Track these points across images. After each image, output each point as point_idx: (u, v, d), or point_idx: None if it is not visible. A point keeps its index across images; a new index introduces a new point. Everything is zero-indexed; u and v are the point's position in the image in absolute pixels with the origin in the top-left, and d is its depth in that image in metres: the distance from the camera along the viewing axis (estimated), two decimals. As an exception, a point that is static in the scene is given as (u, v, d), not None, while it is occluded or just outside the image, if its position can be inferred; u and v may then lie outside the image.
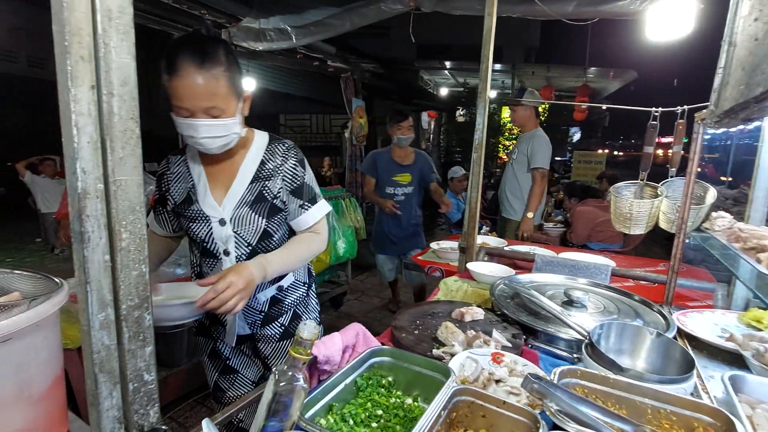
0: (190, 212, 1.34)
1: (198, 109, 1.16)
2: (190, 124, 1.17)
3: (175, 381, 2.76)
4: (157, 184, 1.41)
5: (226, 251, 1.35)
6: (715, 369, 1.15)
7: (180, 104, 1.15)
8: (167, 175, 1.38)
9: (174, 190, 1.36)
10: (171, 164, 1.39)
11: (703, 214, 1.53)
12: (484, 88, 1.83)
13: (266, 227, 1.36)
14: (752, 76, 0.67)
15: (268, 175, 1.36)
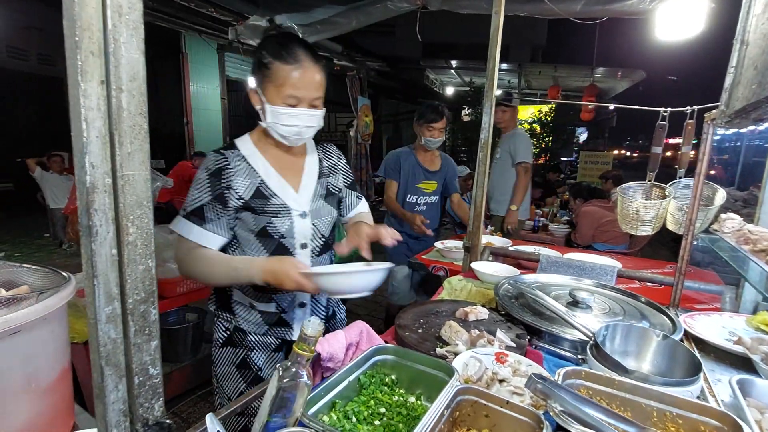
0: (271, 207, 1.31)
1: (308, 99, 1.24)
2: (295, 113, 1.23)
3: (180, 376, 2.78)
4: (210, 183, 1.25)
5: (304, 245, 1.37)
6: (723, 372, 1.14)
7: (292, 92, 1.21)
8: (228, 170, 1.28)
9: (239, 186, 1.28)
10: (230, 159, 1.29)
11: (712, 216, 1.51)
12: (491, 87, 1.82)
13: (336, 219, 1.48)
14: (765, 74, 0.66)
15: (328, 172, 1.47)
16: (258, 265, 1.17)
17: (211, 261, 1.24)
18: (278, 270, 1.13)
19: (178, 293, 2.73)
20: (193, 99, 8.35)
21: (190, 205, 1.24)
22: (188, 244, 1.23)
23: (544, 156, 12.80)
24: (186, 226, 1.23)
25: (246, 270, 1.18)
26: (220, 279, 1.27)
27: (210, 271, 1.24)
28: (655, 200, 1.64)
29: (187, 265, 1.25)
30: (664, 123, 1.54)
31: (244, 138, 1.38)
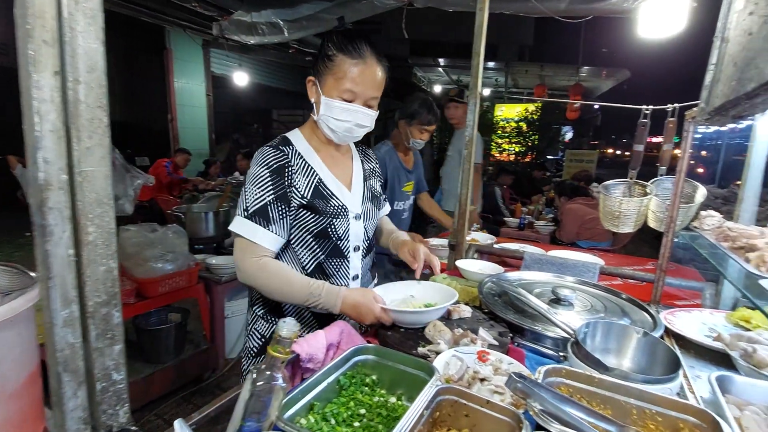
0: (332, 208, 1.27)
1: (365, 97, 1.22)
2: (349, 108, 1.21)
3: (162, 378, 2.73)
4: (272, 181, 1.20)
5: (357, 247, 1.36)
6: (702, 369, 1.15)
7: (350, 87, 1.19)
8: (290, 167, 1.23)
9: (300, 184, 1.24)
10: (289, 156, 1.25)
11: (693, 213, 1.53)
12: (476, 84, 1.81)
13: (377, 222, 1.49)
14: (744, 71, 0.65)
15: (369, 175, 1.47)
16: (339, 295, 1.17)
17: (289, 281, 1.20)
18: (361, 304, 1.15)
19: (160, 293, 2.68)
20: (178, 95, 8.20)
21: (253, 204, 1.18)
22: (253, 250, 1.19)
23: (531, 154, 12.92)
24: (249, 227, 1.18)
25: (326, 299, 1.17)
26: (292, 299, 1.23)
27: (287, 291, 1.20)
28: (637, 198, 1.66)
29: (256, 278, 1.20)
30: (646, 121, 1.55)
31: (295, 133, 1.34)
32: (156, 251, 2.70)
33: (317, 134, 1.32)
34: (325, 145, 1.33)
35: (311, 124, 1.33)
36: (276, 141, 1.28)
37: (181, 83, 8.24)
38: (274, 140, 1.29)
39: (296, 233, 1.28)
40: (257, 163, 1.22)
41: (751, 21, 0.66)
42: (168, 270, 2.70)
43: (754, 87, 0.60)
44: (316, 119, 1.26)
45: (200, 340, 3.06)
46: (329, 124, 1.24)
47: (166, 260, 2.72)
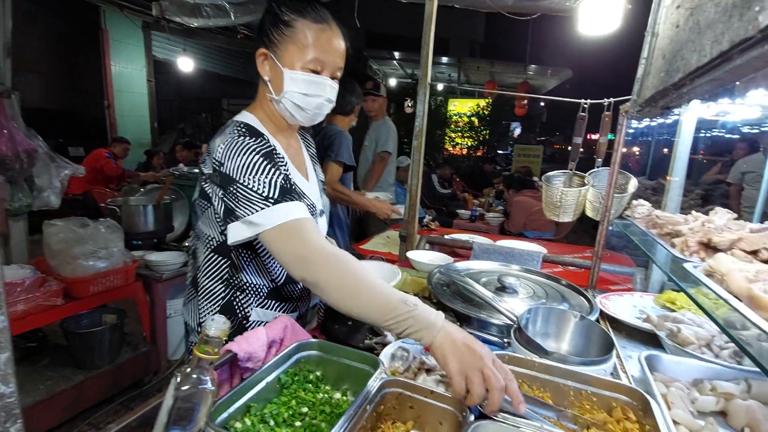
0: (308, 207, 1.08)
1: (333, 67, 1.06)
2: (319, 81, 1.04)
3: (96, 384, 2.52)
4: (271, 162, 0.99)
5: None
6: (633, 349, 1.22)
7: (318, 56, 1.02)
8: (277, 155, 1.06)
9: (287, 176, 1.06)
10: (272, 144, 1.06)
11: (625, 202, 1.62)
12: (425, 74, 1.80)
13: None
14: (672, 62, 0.68)
15: (314, 162, 1.30)
16: (438, 317, 0.82)
17: (374, 279, 0.87)
18: (475, 345, 0.77)
19: (92, 293, 2.46)
20: (115, 80, 7.58)
21: (272, 187, 0.95)
22: (312, 228, 0.93)
23: (482, 149, 13.31)
24: (288, 209, 0.93)
25: (422, 314, 0.81)
26: (370, 307, 0.85)
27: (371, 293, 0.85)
28: (576, 188, 1.73)
29: (331, 265, 0.88)
30: (584, 114, 1.62)
31: (250, 118, 1.11)
32: (87, 248, 2.48)
33: (272, 118, 1.13)
34: (281, 132, 1.15)
35: (263, 106, 1.13)
36: (242, 128, 1.05)
37: (119, 67, 7.63)
38: (234, 129, 1.04)
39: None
40: (240, 153, 0.98)
41: (678, 14, 0.69)
42: (101, 268, 2.48)
43: (680, 77, 0.63)
44: (277, 98, 1.06)
45: (139, 341, 2.86)
46: (297, 102, 1.05)
47: (98, 257, 2.50)
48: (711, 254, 0.91)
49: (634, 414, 0.81)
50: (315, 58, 1.03)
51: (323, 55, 1.03)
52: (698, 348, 1.08)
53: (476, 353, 0.74)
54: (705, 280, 0.75)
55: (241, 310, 1.14)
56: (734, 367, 1.00)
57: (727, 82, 0.56)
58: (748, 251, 0.86)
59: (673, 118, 1.58)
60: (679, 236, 1.04)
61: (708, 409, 0.90)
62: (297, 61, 1.02)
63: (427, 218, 3.26)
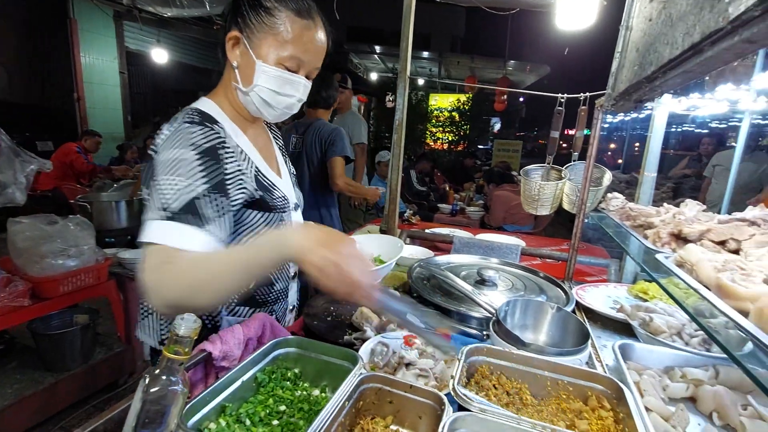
0: (278, 201, 1.03)
1: (309, 67, 1.00)
2: (295, 80, 0.97)
3: (67, 387, 2.44)
4: (204, 165, 0.87)
5: None
6: (608, 339, 1.25)
7: (300, 55, 0.95)
8: (227, 149, 0.93)
9: (243, 172, 0.98)
10: (222, 135, 0.94)
11: (601, 195, 1.66)
12: (404, 67, 1.79)
13: None
14: (645, 56, 0.69)
15: (284, 154, 1.25)
16: (292, 227, 0.82)
17: (210, 260, 0.80)
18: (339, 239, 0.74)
19: (62, 292, 2.37)
20: (86, 72, 7.28)
21: (176, 199, 0.82)
22: (166, 254, 0.78)
23: (463, 143, 13.41)
24: (170, 230, 0.80)
25: (275, 236, 0.76)
26: (231, 281, 0.78)
27: (219, 271, 0.76)
28: (553, 181, 1.76)
29: (170, 282, 0.76)
30: (561, 109, 1.64)
31: (209, 104, 1.02)
32: (55, 246, 2.38)
33: (236, 107, 1.04)
34: (248, 123, 1.07)
35: (227, 93, 1.04)
36: (194, 115, 0.94)
37: (90, 59, 7.33)
38: (186, 115, 0.94)
39: (237, 241, 0.98)
40: (177, 144, 0.87)
41: (651, 8, 0.69)
42: (70, 266, 2.39)
43: (653, 70, 0.63)
44: (244, 90, 0.97)
45: (114, 342, 2.78)
46: (266, 98, 0.97)
47: (67, 256, 2.40)
48: (682, 245, 0.93)
49: (609, 402, 0.83)
50: (293, 56, 0.95)
51: (303, 54, 0.96)
52: (669, 336, 1.11)
53: (336, 250, 0.70)
54: (676, 270, 0.77)
55: (210, 320, 1.06)
56: (703, 354, 1.03)
57: (698, 74, 0.57)
58: (717, 242, 0.88)
59: (646, 112, 1.62)
60: (651, 228, 1.06)
61: (678, 396, 0.93)
62: (273, 54, 0.94)
63: (408, 212, 3.26)
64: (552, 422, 0.79)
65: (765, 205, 0.95)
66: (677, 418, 0.83)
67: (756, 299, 0.58)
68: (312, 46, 0.97)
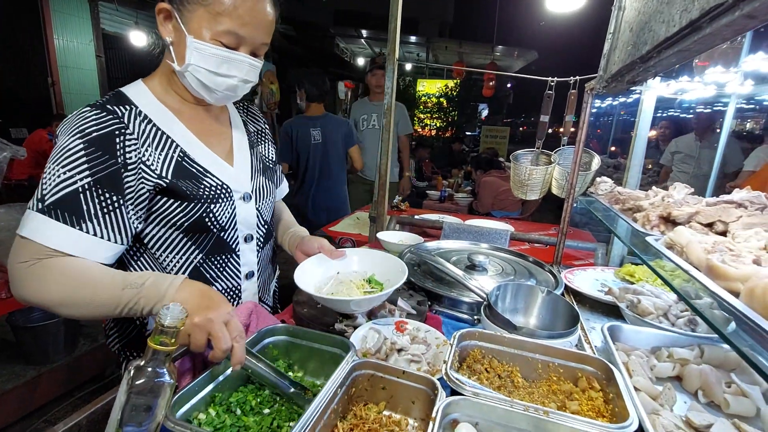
0: (206, 189, 0.93)
1: (252, 43, 0.89)
2: (234, 58, 0.87)
3: (51, 380, 2.39)
4: (88, 156, 0.80)
5: (249, 236, 1.05)
6: (596, 321, 1.27)
7: (235, 29, 0.85)
8: (125, 135, 0.84)
9: (152, 160, 0.87)
10: (125, 118, 0.86)
11: (589, 180, 1.66)
12: (393, 50, 1.75)
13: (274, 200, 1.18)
14: (640, 35, 0.68)
15: (257, 139, 1.16)
16: (174, 281, 0.78)
17: (91, 277, 0.78)
18: (213, 296, 0.78)
19: (41, 284, 2.30)
20: (59, 56, 6.98)
21: (52, 191, 0.77)
22: (38, 251, 0.76)
23: (451, 130, 13.38)
24: (41, 225, 0.75)
25: (150, 288, 0.77)
26: (96, 308, 0.77)
27: (87, 294, 0.76)
28: (543, 166, 1.76)
29: (32, 283, 0.75)
30: (551, 93, 1.63)
31: (137, 87, 0.94)
32: (33, 236, 2.31)
33: (176, 89, 0.96)
34: (188, 105, 0.98)
35: (165, 74, 0.96)
36: (105, 98, 0.89)
37: (64, 41, 7.02)
38: (99, 99, 0.88)
39: (156, 231, 0.93)
40: (66, 130, 0.81)
41: (645, -15, 0.68)
42: None
43: (648, 50, 0.62)
44: (179, 70, 0.89)
45: (98, 333, 2.73)
46: (202, 79, 0.88)
47: None
48: (670, 228, 0.94)
49: (598, 383, 0.84)
50: (229, 30, 0.85)
51: (241, 28, 0.85)
52: (656, 318, 1.13)
53: (206, 316, 0.72)
54: (666, 252, 0.77)
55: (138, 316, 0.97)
56: (689, 334, 1.05)
57: (694, 53, 0.56)
58: (705, 224, 0.89)
59: (634, 96, 1.62)
60: (640, 211, 1.06)
61: (665, 375, 0.95)
62: (206, 29, 0.84)
63: (397, 199, 3.24)
64: (543, 404, 0.79)
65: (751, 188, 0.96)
66: (665, 396, 0.85)
67: (746, 279, 0.58)
68: (251, 18, 0.86)
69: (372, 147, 3.55)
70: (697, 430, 0.75)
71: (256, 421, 0.74)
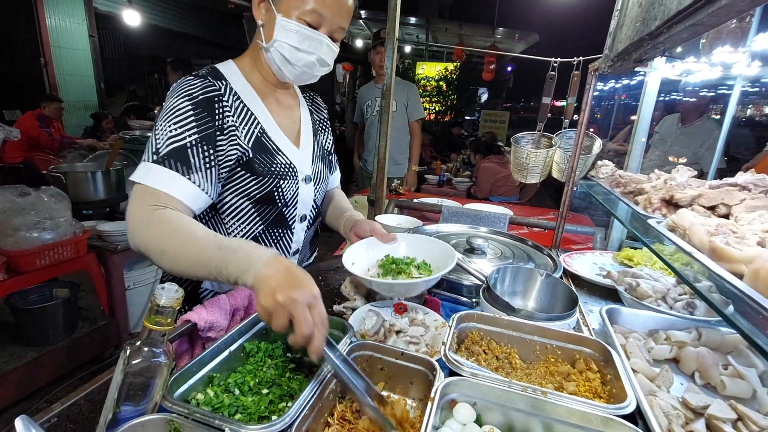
0: (278, 166, 1.02)
1: (333, 26, 0.98)
2: (315, 37, 0.96)
3: (52, 360, 2.41)
4: (196, 115, 0.91)
5: (304, 216, 1.14)
6: (594, 304, 1.27)
7: (320, 9, 0.94)
8: (223, 104, 0.96)
9: (239, 131, 0.97)
10: (222, 90, 0.97)
11: (590, 163, 1.65)
12: (393, 29, 1.71)
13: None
14: (649, 10, 0.65)
15: (319, 128, 1.24)
16: (262, 253, 0.74)
17: (193, 232, 0.80)
18: (299, 273, 0.72)
19: (39, 266, 2.30)
20: (51, 35, 6.82)
21: (165, 144, 0.87)
22: (156, 198, 0.83)
23: (450, 113, 13.25)
24: (157, 173, 0.85)
25: (243, 255, 0.74)
26: (192, 263, 0.78)
27: (187, 247, 0.78)
28: (543, 149, 1.74)
29: (147, 231, 0.81)
30: (554, 74, 1.60)
31: (229, 66, 1.04)
32: (29, 218, 2.28)
33: (260, 70, 1.06)
34: (269, 87, 1.08)
35: (252, 56, 1.06)
36: (203, 71, 0.99)
37: (55, 21, 6.85)
38: (199, 71, 0.99)
39: (230, 199, 1.01)
40: (175, 93, 0.92)
41: (656, -43, 0.65)
42: (46, 240, 2.31)
43: (658, 25, 0.60)
44: (266, 47, 0.98)
45: (97, 315, 2.74)
46: (285, 55, 0.97)
47: (43, 228, 2.32)
48: (672, 210, 0.93)
49: (596, 365, 0.84)
50: (314, 10, 0.94)
51: (324, 9, 0.94)
52: (654, 301, 1.13)
53: (290, 296, 0.66)
54: (669, 234, 0.76)
55: (190, 286, 1.07)
56: (686, 317, 1.06)
57: (707, 27, 0.54)
58: (707, 207, 0.88)
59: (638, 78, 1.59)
60: (642, 194, 1.05)
61: (663, 357, 0.95)
62: (293, 9, 0.94)
63: (396, 182, 3.22)
64: (541, 385, 0.80)
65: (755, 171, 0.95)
66: (662, 378, 0.85)
67: (750, 261, 0.57)
68: (334, 1, 0.95)
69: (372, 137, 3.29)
70: (694, 411, 0.75)
71: (254, 401, 0.74)
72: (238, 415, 0.69)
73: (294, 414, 0.61)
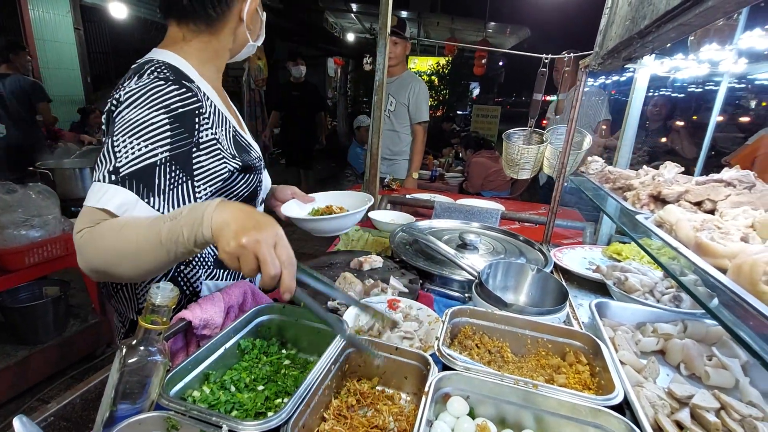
0: (255, 161, 1.01)
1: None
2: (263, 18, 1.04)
3: (43, 359, 2.39)
4: (172, 129, 0.80)
5: (262, 200, 1.17)
6: (584, 298, 1.29)
7: None
8: (203, 115, 0.87)
9: (222, 142, 0.92)
10: (201, 100, 0.87)
11: (580, 159, 1.67)
12: (384, 24, 1.70)
13: None
14: (639, 9, 0.66)
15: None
16: (212, 203, 0.68)
17: (139, 221, 0.72)
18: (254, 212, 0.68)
19: (28, 264, 2.27)
20: (35, 28, 6.66)
21: (130, 164, 0.75)
22: (101, 216, 0.73)
23: (442, 108, 13.25)
24: (112, 196, 0.73)
25: (190, 213, 0.67)
26: (152, 247, 0.69)
27: (140, 236, 0.69)
28: (535, 145, 1.75)
29: (96, 246, 0.71)
30: (545, 70, 1.61)
31: (177, 60, 0.91)
32: (16, 216, 2.25)
33: (217, 63, 0.99)
34: (218, 80, 1.02)
35: (207, 49, 0.96)
36: (164, 71, 0.85)
37: (39, 12, 6.69)
38: (155, 69, 0.85)
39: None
40: (146, 103, 0.79)
41: (645, -43, 0.66)
42: (35, 237, 2.28)
43: (647, 24, 0.61)
44: (254, 43, 1.03)
45: (88, 313, 2.72)
46: (258, 43, 1.05)
47: (31, 226, 2.28)
48: (660, 206, 0.95)
49: (585, 357, 0.86)
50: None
51: None
52: (642, 294, 1.16)
53: (253, 237, 0.63)
54: (656, 230, 0.78)
55: (188, 286, 1.02)
56: (673, 310, 1.08)
57: (694, 27, 0.55)
58: (694, 202, 0.90)
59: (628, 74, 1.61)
60: (630, 190, 1.07)
61: (650, 349, 0.98)
62: (258, 4, 1.00)
63: (388, 178, 3.22)
64: (532, 377, 0.81)
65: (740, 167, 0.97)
66: (649, 369, 0.87)
67: (734, 256, 0.59)
68: None
69: (385, 138, 2.83)
70: (679, 401, 0.78)
71: (250, 398, 0.74)
72: (235, 412, 0.70)
73: (290, 410, 0.61)
